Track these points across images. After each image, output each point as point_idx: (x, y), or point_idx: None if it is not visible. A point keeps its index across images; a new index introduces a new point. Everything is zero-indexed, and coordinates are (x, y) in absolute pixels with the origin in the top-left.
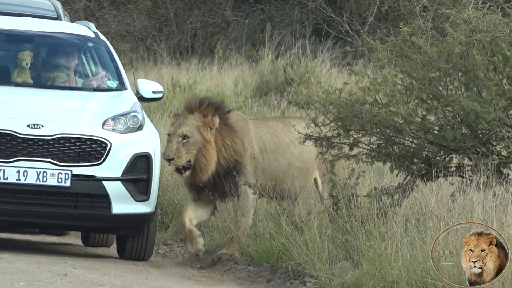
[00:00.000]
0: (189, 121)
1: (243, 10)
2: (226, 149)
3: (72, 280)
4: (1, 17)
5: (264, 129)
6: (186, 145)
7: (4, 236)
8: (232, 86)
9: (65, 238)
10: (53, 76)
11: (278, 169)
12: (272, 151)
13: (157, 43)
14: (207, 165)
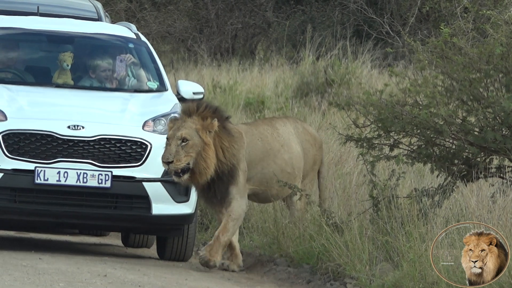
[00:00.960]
0: (188, 124)
1: (284, 11)
2: (224, 152)
3: (112, 281)
4: (43, 18)
5: (257, 136)
6: (185, 148)
7: (44, 237)
8: (272, 87)
9: (105, 239)
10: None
11: (268, 175)
12: (263, 158)
13: (198, 44)
14: (207, 168)
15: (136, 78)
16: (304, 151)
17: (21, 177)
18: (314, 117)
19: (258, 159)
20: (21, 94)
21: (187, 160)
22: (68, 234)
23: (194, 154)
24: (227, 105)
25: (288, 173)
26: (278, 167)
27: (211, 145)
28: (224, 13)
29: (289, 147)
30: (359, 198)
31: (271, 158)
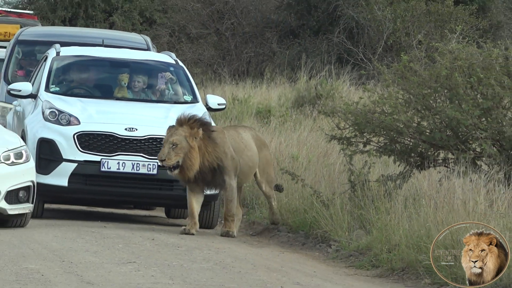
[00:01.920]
0: (178, 132)
1: (285, 43)
2: (209, 154)
3: (158, 243)
4: (106, 48)
5: (230, 136)
6: (175, 150)
7: (108, 211)
8: (276, 99)
9: (152, 212)
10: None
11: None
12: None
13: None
14: (192, 165)
15: (175, 93)
16: (258, 151)
17: (90, 166)
18: (307, 122)
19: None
20: (90, 105)
21: (177, 159)
22: (125, 209)
23: (182, 155)
24: (243, 113)
25: (250, 166)
26: (244, 161)
27: (195, 148)
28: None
29: (250, 147)
30: (340, 181)
31: (239, 155)
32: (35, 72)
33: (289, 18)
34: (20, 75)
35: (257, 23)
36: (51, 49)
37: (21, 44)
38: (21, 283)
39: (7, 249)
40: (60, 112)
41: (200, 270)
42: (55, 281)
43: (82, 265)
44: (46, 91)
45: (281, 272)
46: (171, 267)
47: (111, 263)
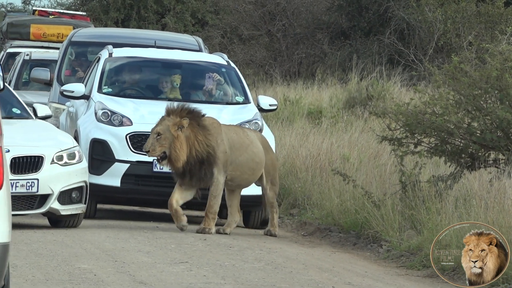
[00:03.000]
0: (163, 122)
1: (336, 45)
2: (199, 143)
3: (210, 243)
4: (158, 50)
5: (233, 132)
6: (160, 141)
7: (160, 211)
8: (328, 100)
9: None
10: (197, 93)
11: (242, 162)
12: (238, 148)
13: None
14: (177, 156)
15: (224, 93)
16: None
17: (143, 167)
18: (359, 123)
19: (234, 148)
20: (142, 106)
21: (161, 150)
22: None
23: (167, 145)
24: (294, 114)
25: (256, 162)
26: (249, 156)
27: (180, 138)
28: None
29: (255, 144)
30: (391, 182)
31: (243, 149)
32: (88, 73)
33: (340, 19)
34: (66, 75)
35: (308, 24)
36: (103, 50)
37: (74, 45)
38: (73, 283)
39: (60, 249)
40: (113, 113)
41: (251, 270)
42: (108, 281)
43: (134, 265)
44: (98, 92)
45: (332, 272)
46: (223, 267)
47: (163, 263)
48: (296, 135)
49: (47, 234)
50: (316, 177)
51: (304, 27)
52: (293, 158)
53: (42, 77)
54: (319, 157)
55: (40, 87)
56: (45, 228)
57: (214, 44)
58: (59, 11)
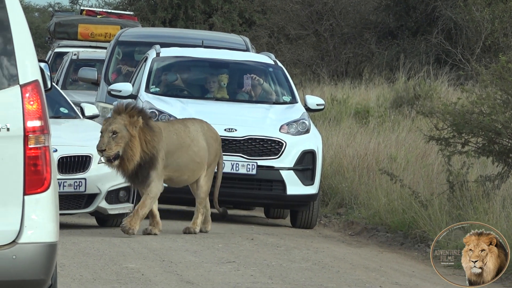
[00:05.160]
0: (117, 120)
1: (384, 44)
2: (147, 143)
3: (257, 243)
4: (206, 49)
5: (173, 132)
6: (116, 139)
7: None
8: (375, 100)
9: (251, 212)
10: (244, 92)
11: (182, 164)
12: (177, 149)
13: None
14: (133, 156)
15: (270, 94)
16: (208, 146)
17: None
18: (406, 122)
19: (174, 150)
20: (190, 105)
21: (117, 149)
22: None
23: (123, 144)
24: (341, 114)
25: (197, 162)
26: (189, 157)
27: (136, 137)
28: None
29: (197, 142)
30: (439, 182)
31: (184, 150)
32: (135, 73)
33: (387, 19)
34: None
35: (355, 24)
36: (151, 50)
37: (121, 45)
38: (121, 282)
39: (107, 249)
40: (160, 113)
41: (299, 270)
42: (155, 280)
43: (182, 264)
44: (146, 92)
45: (379, 272)
46: (270, 267)
47: (210, 263)
48: (343, 134)
49: (94, 234)
50: (363, 176)
51: (352, 26)
52: (340, 158)
53: (90, 77)
54: (366, 156)
55: (88, 86)
56: (92, 227)
57: (261, 44)
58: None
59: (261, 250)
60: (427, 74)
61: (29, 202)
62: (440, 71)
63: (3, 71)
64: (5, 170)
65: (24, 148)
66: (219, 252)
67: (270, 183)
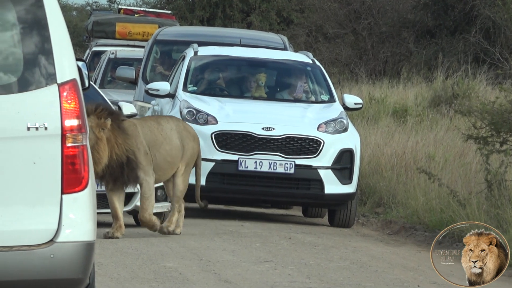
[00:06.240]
0: None
1: (422, 43)
2: (119, 146)
3: (295, 242)
4: (244, 48)
5: (146, 128)
6: None
7: (245, 210)
8: (413, 99)
9: (289, 211)
10: (282, 91)
11: (155, 163)
12: (150, 148)
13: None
14: (100, 159)
15: (312, 92)
16: (183, 144)
17: (228, 165)
18: (444, 121)
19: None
20: (227, 104)
21: None
22: (263, 208)
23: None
24: (379, 113)
25: (168, 161)
26: (161, 156)
27: (103, 140)
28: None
29: (170, 140)
30: (477, 181)
31: (156, 148)
32: (173, 72)
33: (425, 18)
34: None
35: (393, 23)
36: (189, 48)
37: (159, 44)
38: (159, 281)
39: (145, 248)
40: (198, 112)
41: (336, 269)
42: (193, 279)
43: (219, 263)
44: (183, 91)
45: (417, 271)
46: (308, 266)
47: (248, 262)
48: (381, 133)
49: (132, 233)
50: (401, 175)
51: (390, 25)
52: (378, 157)
53: (127, 76)
54: (404, 155)
55: (125, 85)
56: (130, 226)
57: (299, 43)
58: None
59: (299, 249)
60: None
61: (67, 201)
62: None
63: (41, 70)
64: (43, 169)
65: (62, 147)
66: (256, 251)
67: (308, 182)
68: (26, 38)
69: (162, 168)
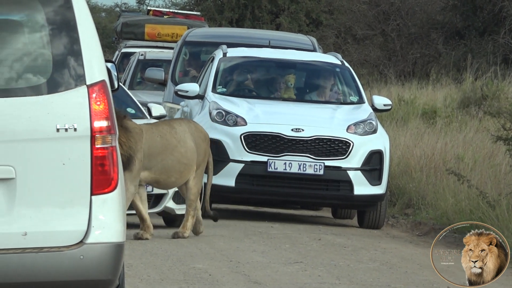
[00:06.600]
0: None
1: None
2: (122, 145)
3: (324, 243)
4: (273, 49)
5: (156, 134)
6: None
7: (275, 211)
8: (442, 100)
9: (319, 212)
10: (312, 93)
11: (167, 165)
12: (162, 151)
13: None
14: None
15: (342, 94)
16: (197, 146)
17: (257, 167)
18: (473, 123)
19: (157, 152)
20: (256, 106)
21: None
22: (292, 209)
23: None
24: (408, 114)
25: (184, 164)
26: (176, 159)
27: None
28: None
29: (184, 143)
30: (507, 182)
31: (169, 151)
32: (202, 73)
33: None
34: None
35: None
36: (217, 50)
37: (188, 45)
38: (188, 282)
39: (175, 249)
40: (227, 113)
41: (366, 270)
42: (223, 280)
43: (249, 265)
44: (213, 92)
45: (447, 273)
46: (337, 267)
47: (278, 263)
48: (411, 135)
49: (162, 234)
50: (430, 177)
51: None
52: (407, 158)
53: (156, 77)
54: (434, 157)
55: (155, 86)
56: (160, 227)
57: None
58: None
59: (328, 251)
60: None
61: (96, 202)
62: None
63: (70, 71)
64: (73, 170)
65: (91, 148)
66: (286, 253)
67: (337, 183)
68: (55, 39)
69: (178, 170)
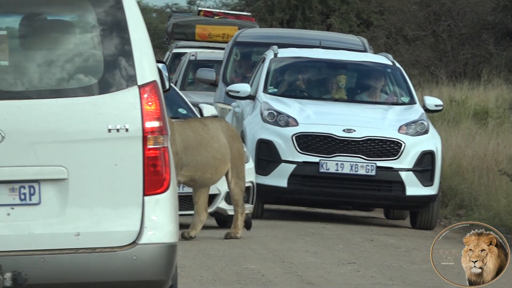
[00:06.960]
0: None
1: (502, 45)
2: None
3: (377, 244)
4: (323, 50)
5: (188, 129)
6: None
7: (327, 212)
8: (494, 101)
9: (371, 213)
10: (363, 93)
11: (202, 161)
12: (196, 146)
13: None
14: None
15: (393, 94)
16: (229, 144)
17: (309, 167)
18: None
19: (191, 147)
20: (308, 106)
21: None
22: (344, 209)
23: None
24: (460, 115)
25: (218, 159)
26: (210, 154)
27: None
28: (457, 46)
29: (217, 138)
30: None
31: (203, 147)
32: (253, 74)
33: (505, 20)
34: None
35: (473, 25)
36: (268, 50)
37: (239, 46)
38: (242, 283)
39: (228, 249)
40: (279, 113)
41: (419, 271)
42: (276, 281)
43: (302, 265)
44: (264, 93)
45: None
46: (390, 268)
47: (331, 264)
48: (462, 135)
49: (214, 234)
50: (482, 177)
51: (470, 27)
52: (459, 159)
53: (208, 78)
54: (486, 157)
55: (206, 87)
56: (212, 228)
57: (379, 45)
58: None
59: (381, 251)
60: None
61: (149, 202)
62: None
63: (121, 72)
64: (125, 171)
65: (143, 148)
66: (339, 253)
67: (389, 184)
68: (106, 40)
69: (213, 166)
